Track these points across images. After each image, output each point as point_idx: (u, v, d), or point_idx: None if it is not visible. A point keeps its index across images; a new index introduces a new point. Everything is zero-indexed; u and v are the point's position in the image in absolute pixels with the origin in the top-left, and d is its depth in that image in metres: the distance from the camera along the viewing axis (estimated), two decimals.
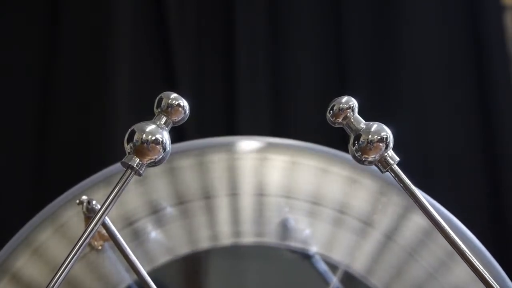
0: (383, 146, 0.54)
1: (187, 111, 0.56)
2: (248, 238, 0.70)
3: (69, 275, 0.54)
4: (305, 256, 0.72)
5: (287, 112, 1.29)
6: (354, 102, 0.55)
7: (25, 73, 1.25)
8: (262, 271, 0.83)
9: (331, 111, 0.55)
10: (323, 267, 0.73)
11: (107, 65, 1.23)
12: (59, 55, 1.24)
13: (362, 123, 0.55)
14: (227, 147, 0.72)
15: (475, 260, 0.55)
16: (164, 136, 0.54)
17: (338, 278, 0.72)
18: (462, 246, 0.55)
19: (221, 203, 0.70)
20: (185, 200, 0.70)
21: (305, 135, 0.81)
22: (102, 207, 0.54)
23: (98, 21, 1.25)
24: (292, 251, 0.71)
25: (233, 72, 1.27)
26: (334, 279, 0.72)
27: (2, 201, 1.20)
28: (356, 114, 0.55)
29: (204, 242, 0.69)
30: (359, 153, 0.54)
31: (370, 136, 0.54)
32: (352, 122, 0.55)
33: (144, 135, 0.54)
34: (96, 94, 1.23)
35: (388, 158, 0.55)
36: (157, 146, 0.54)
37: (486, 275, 0.54)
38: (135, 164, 0.54)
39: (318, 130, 1.12)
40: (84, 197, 0.65)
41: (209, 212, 0.70)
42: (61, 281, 0.52)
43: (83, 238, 0.53)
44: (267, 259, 0.77)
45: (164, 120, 0.55)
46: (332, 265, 0.72)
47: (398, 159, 0.55)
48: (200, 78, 1.28)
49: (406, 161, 0.59)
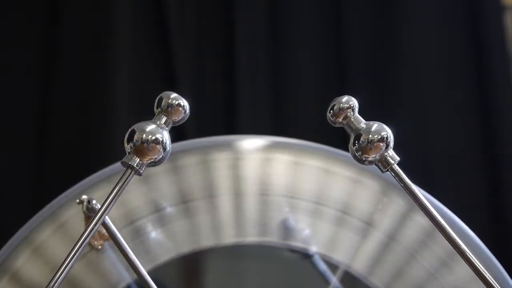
0: (384, 146, 0.54)
1: (187, 111, 0.56)
2: (249, 238, 0.70)
3: (69, 275, 0.54)
4: (305, 256, 0.72)
5: (287, 112, 1.29)
6: (354, 102, 0.55)
7: (25, 73, 1.24)
8: (263, 271, 0.83)
9: (331, 111, 0.55)
10: (323, 267, 0.73)
11: (107, 65, 1.23)
12: (59, 55, 1.24)
13: (363, 123, 0.55)
14: (231, 146, 0.72)
15: (476, 260, 0.55)
16: (164, 136, 0.54)
17: (338, 278, 0.72)
18: (463, 246, 0.55)
19: (223, 203, 0.70)
20: (188, 199, 0.70)
21: (305, 135, 0.81)
22: (102, 207, 0.54)
23: (98, 21, 1.25)
24: (292, 251, 0.71)
25: (233, 72, 1.27)
26: (334, 279, 0.72)
27: (2, 201, 1.20)
28: (357, 114, 0.55)
29: (206, 241, 0.69)
30: (360, 153, 0.54)
31: (371, 136, 0.54)
32: (353, 122, 0.55)
33: (144, 135, 0.54)
34: (96, 94, 1.23)
35: (389, 158, 0.55)
36: (157, 146, 0.54)
37: (487, 275, 0.54)
38: (135, 164, 0.54)
39: (318, 130, 1.12)
40: (84, 197, 0.65)
41: (211, 212, 0.70)
42: (61, 281, 0.52)
43: (83, 238, 0.53)
44: (268, 259, 0.77)
45: (164, 120, 0.55)
46: (333, 265, 0.72)
47: (399, 159, 0.55)
48: (200, 78, 1.28)
49: (406, 161, 0.59)
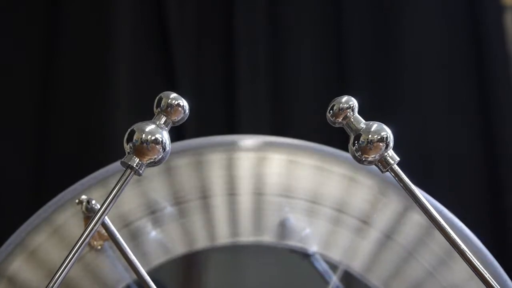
0: (383, 146, 0.54)
1: (187, 111, 0.56)
2: (247, 238, 0.69)
3: (69, 275, 0.54)
4: (305, 256, 0.72)
5: (287, 112, 1.29)
6: (354, 102, 0.55)
7: (25, 73, 1.24)
8: (262, 271, 0.83)
9: (331, 111, 0.55)
10: (323, 266, 0.73)
11: (107, 65, 1.23)
12: (59, 55, 1.24)
13: (362, 123, 0.55)
14: (224, 146, 0.72)
15: (476, 260, 0.55)
16: (164, 136, 0.54)
17: (338, 277, 0.72)
18: (463, 246, 0.55)
19: (219, 203, 0.70)
20: (183, 200, 0.70)
21: (305, 135, 0.81)
22: (102, 207, 0.54)
23: (98, 21, 1.25)
24: (292, 251, 0.71)
25: (233, 72, 1.27)
26: (334, 278, 0.72)
27: (2, 201, 1.20)
28: (356, 114, 0.55)
29: (203, 242, 0.69)
30: (359, 153, 0.54)
31: (370, 136, 0.54)
32: (352, 122, 0.55)
33: (144, 135, 0.54)
34: (96, 94, 1.23)
35: (388, 158, 0.55)
36: (157, 146, 0.54)
37: (487, 275, 0.54)
38: (135, 164, 0.54)
39: (318, 130, 1.12)
40: (84, 197, 0.65)
41: (207, 212, 0.69)
42: (61, 281, 0.52)
43: (83, 238, 0.53)
44: (267, 259, 0.77)
45: (164, 120, 0.55)
46: (332, 264, 0.72)
47: (398, 159, 0.55)
48: (200, 78, 1.28)
49: (406, 161, 0.59)
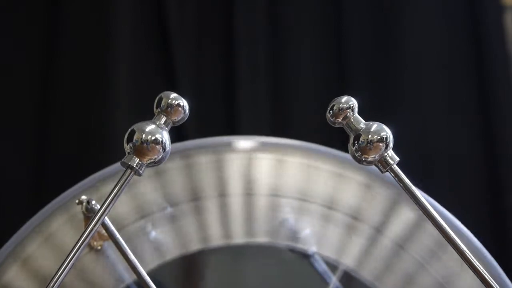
0: (383, 146, 0.54)
1: (187, 111, 0.56)
2: (251, 238, 0.70)
3: (69, 275, 0.54)
4: (304, 256, 0.72)
5: (287, 112, 1.29)
6: (354, 102, 0.55)
7: (25, 73, 1.24)
8: (262, 271, 0.83)
9: (331, 111, 0.55)
10: (322, 267, 0.73)
11: (107, 65, 1.23)
12: (59, 55, 1.24)
13: (362, 123, 0.55)
14: (214, 148, 0.72)
15: (475, 260, 0.55)
16: (164, 136, 0.54)
17: (337, 278, 0.72)
18: (462, 246, 0.55)
19: (211, 205, 0.70)
20: (176, 202, 0.69)
21: (305, 135, 0.81)
22: (102, 207, 0.54)
23: (98, 21, 1.25)
24: (292, 251, 0.71)
25: (233, 72, 1.27)
26: (333, 279, 0.72)
27: (2, 201, 1.20)
28: (356, 114, 0.55)
29: (208, 241, 0.69)
30: (359, 153, 0.54)
31: (370, 136, 0.54)
32: (352, 122, 0.55)
33: (144, 135, 0.54)
34: (96, 94, 1.23)
35: (388, 158, 0.55)
36: (157, 146, 0.54)
37: (486, 275, 0.54)
38: (135, 164, 0.54)
39: (318, 130, 1.12)
40: (84, 197, 0.65)
41: (207, 212, 0.69)
42: (61, 281, 0.52)
43: (83, 238, 0.53)
44: (266, 259, 0.77)
45: (164, 120, 0.55)
46: (332, 265, 0.72)
47: (398, 159, 0.55)
48: (200, 78, 1.28)
49: (406, 161, 0.59)
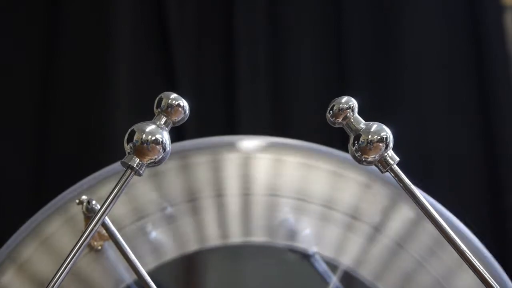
0: (383, 146, 0.54)
1: (187, 111, 0.56)
2: (251, 238, 0.70)
3: (69, 275, 0.54)
4: (305, 256, 0.72)
5: (287, 112, 1.29)
6: (354, 102, 0.55)
7: (25, 73, 1.24)
8: (262, 271, 0.83)
9: (331, 111, 0.55)
10: (323, 267, 0.73)
11: (107, 65, 1.23)
12: (59, 55, 1.24)
13: (362, 123, 0.55)
14: (211, 149, 0.72)
15: (476, 260, 0.55)
16: (164, 136, 0.54)
17: (338, 278, 0.72)
18: (462, 246, 0.55)
19: (228, 202, 0.70)
20: (174, 203, 0.69)
21: (305, 135, 0.81)
22: (102, 207, 0.54)
23: (98, 21, 1.25)
24: (292, 251, 0.71)
25: (233, 72, 1.27)
26: (334, 279, 0.72)
27: (2, 201, 1.20)
28: (356, 114, 0.55)
29: (208, 241, 0.69)
30: (359, 153, 0.54)
31: (370, 136, 0.54)
32: (352, 122, 0.55)
33: (144, 135, 0.54)
34: (96, 94, 1.23)
35: (388, 158, 0.55)
36: (157, 146, 0.54)
37: (487, 276, 0.54)
38: (135, 164, 0.54)
39: (318, 130, 1.12)
40: (84, 197, 0.65)
41: (197, 214, 0.69)
42: (61, 281, 0.52)
43: (83, 238, 0.53)
44: (266, 259, 0.77)
45: (164, 120, 0.55)
46: (332, 265, 0.72)
47: (398, 159, 0.55)
48: (200, 78, 1.28)
49: (406, 161, 0.59)
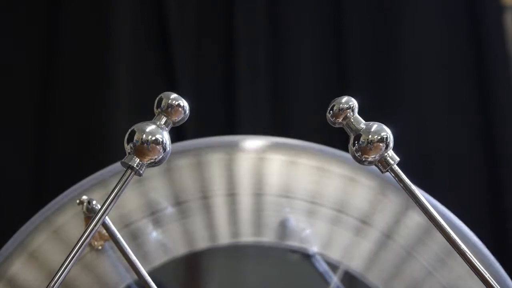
0: (383, 146, 0.54)
1: (187, 111, 0.56)
2: (247, 238, 0.70)
3: (69, 275, 0.54)
4: (305, 256, 0.72)
5: (287, 112, 1.29)
6: (354, 102, 0.55)
7: (25, 73, 1.24)
8: (262, 271, 0.83)
9: (331, 111, 0.55)
10: (323, 267, 0.73)
11: (107, 65, 1.23)
12: (59, 55, 1.24)
13: (362, 123, 0.55)
14: (225, 147, 0.72)
15: (476, 261, 0.55)
16: (164, 136, 0.54)
17: (338, 278, 0.72)
18: (463, 246, 0.55)
19: (219, 203, 0.70)
20: (183, 200, 0.70)
21: (305, 135, 0.81)
22: (102, 207, 0.54)
23: (98, 21, 1.25)
24: (292, 251, 0.71)
25: (233, 72, 1.27)
26: (334, 279, 0.72)
27: (2, 201, 1.20)
28: (356, 114, 0.55)
29: (203, 242, 0.69)
30: (359, 153, 0.54)
31: (370, 136, 0.54)
32: (352, 122, 0.55)
33: (144, 135, 0.54)
34: (96, 94, 1.23)
35: (388, 158, 0.55)
36: (157, 146, 0.54)
37: (487, 275, 0.54)
38: (135, 164, 0.54)
39: (318, 130, 1.12)
40: (84, 197, 0.65)
41: (207, 212, 0.70)
42: (62, 281, 0.52)
43: (83, 238, 0.53)
44: (267, 259, 0.77)
45: (164, 120, 0.55)
46: (333, 265, 0.72)
47: (398, 159, 0.55)
48: (200, 78, 1.28)
49: (406, 161, 0.59)
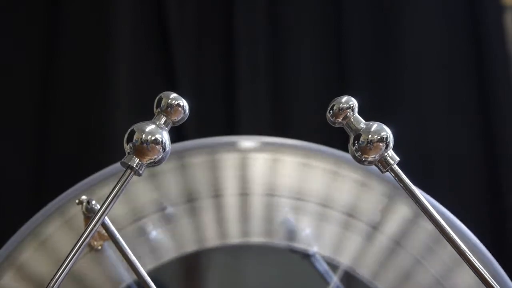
0: (383, 146, 0.54)
1: (187, 111, 0.56)
2: (252, 238, 0.70)
3: (69, 275, 0.54)
4: (306, 256, 0.72)
5: (287, 112, 1.29)
6: (354, 102, 0.55)
7: (25, 73, 1.24)
8: (262, 271, 0.83)
9: (331, 111, 0.55)
10: (323, 267, 0.73)
11: (107, 65, 1.23)
12: (59, 55, 1.24)
13: (362, 123, 0.55)
14: (237, 147, 0.72)
15: (476, 261, 0.55)
16: (164, 136, 0.54)
17: (338, 278, 0.72)
18: (463, 247, 0.55)
19: (228, 202, 0.70)
20: (193, 198, 0.70)
21: (305, 135, 0.81)
22: (102, 207, 0.54)
23: (98, 21, 1.25)
24: (293, 251, 0.71)
25: (233, 72, 1.27)
26: (334, 279, 0.72)
27: (2, 201, 1.20)
28: (356, 114, 0.55)
29: (208, 241, 0.69)
30: (359, 153, 0.54)
31: (370, 136, 0.54)
32: (352, 122, 0.55)
33: (144, 135, 0.54)
34: (96, 94, 1.23)
35: (388, 158, 0.55)
36: (157, 146, 0.54)
37: (487, 275, 0.54)
38: (135, 164, 0.54)
39: (318, 130, 1.12)
40: (84, 197, 0.65)
41: (214, 212, 0.69)
42: (61, 281, 0.52)
43: (83, 238, 0.53)
44: (267, 259, 0.77)
45: (164, 120, 0.55)
46: (333, 265, 0.71)
47: (398, 159, 0.55)
48: (200, 78, 1.28)
49: (406, 161, 0.59)
